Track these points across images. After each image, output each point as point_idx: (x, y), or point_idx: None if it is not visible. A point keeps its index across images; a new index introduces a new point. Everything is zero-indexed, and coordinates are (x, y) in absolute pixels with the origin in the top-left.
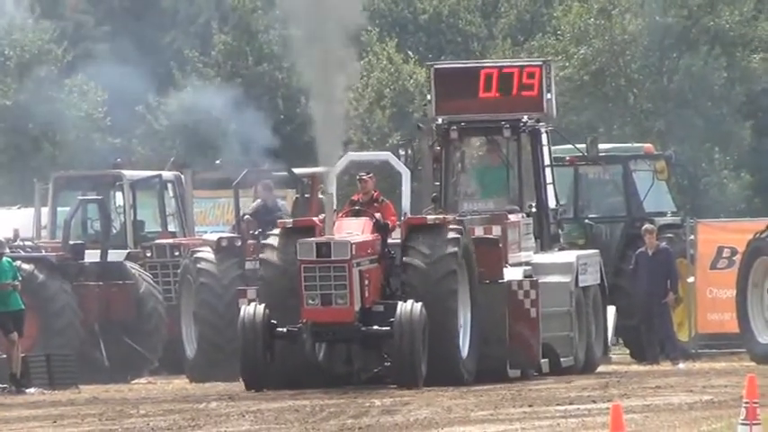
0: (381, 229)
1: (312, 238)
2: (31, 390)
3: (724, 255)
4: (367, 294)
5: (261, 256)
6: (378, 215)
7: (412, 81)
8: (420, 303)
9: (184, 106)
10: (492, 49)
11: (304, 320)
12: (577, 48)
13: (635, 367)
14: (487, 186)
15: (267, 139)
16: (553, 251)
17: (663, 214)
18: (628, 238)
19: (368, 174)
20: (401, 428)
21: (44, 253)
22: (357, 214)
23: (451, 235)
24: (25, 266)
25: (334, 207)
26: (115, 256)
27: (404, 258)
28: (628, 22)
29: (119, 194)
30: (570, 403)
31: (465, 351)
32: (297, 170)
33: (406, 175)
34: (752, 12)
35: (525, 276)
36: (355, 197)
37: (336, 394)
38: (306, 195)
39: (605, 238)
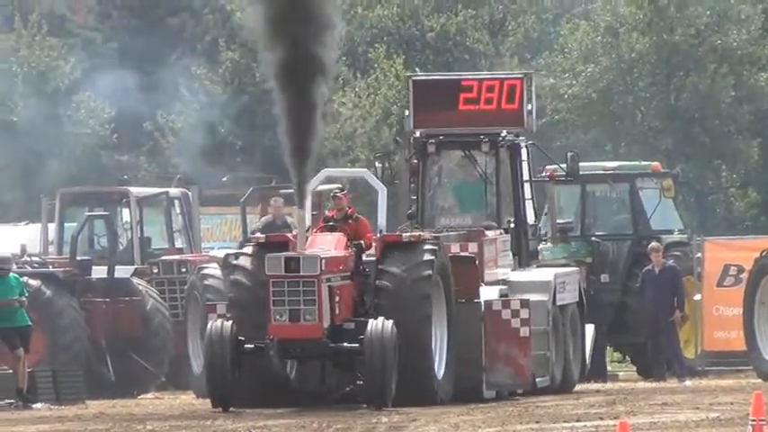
0: (356, 246)
1: (281, 253)
2: (38, 405)
3: (731, 272)
4: (338, 311)
5: (232, 270)
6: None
7: None
8: (391, 321)
9: (191, 123)
10: (499, 66)
11: (271, 337)
12: (585, 66)
13: (642, 384)
14: (465, 201)
15: (274, 155)
16: (531, 268)
17: (670, 232)
18: (635, 256)
19: (342, 191)
20: None
21: (51, 269)
22: (331, 230)
23: (427, 256)
24: (32, 282)
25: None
26: (122, 272)
27: (377, 277)
28: (635, 41)
29: (125, 211)
30: (577, 420)
31: (441, 371)
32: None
33: (382, 192)
34: (759, 30)
35: (501, 296)
36: (329, 214)
37: (339, 411)
38: (313, 213)
39: (612, 255)
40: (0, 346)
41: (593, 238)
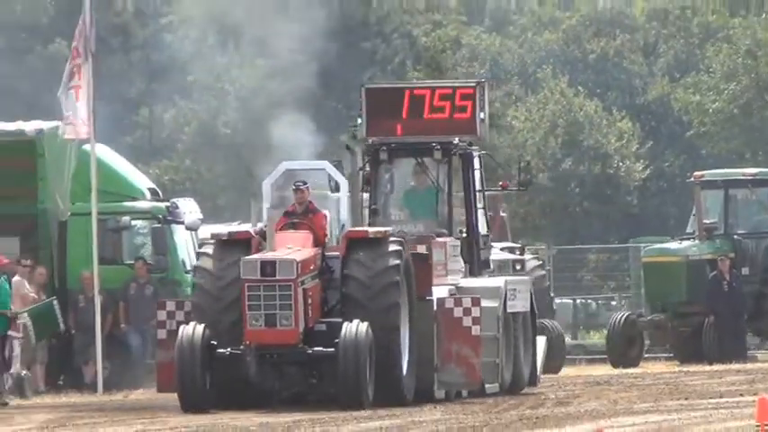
0: (319, 243)
1: (256, 256)
2: None
3: None
4: (310, 314)
5: (196, 264)
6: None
7: (582, 112)
8: (366, 324)
9: None
10: (652, 85)
11: (248, 342)
12: (727, 84)
13: None
14: (416, 209)
15: None
16: (484, 276)
17: None
18: None
19: (304, 184)
20: (574, 418)
21: None
22: (294, 227)
23: (393, 248)
24: None
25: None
26: None
27: (344, 271)
28: None
29: None
30: (720, 396)
31: (404, 370)
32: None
33: (344, 184)
34: None
35: (450, 294)
36: (290, 208)
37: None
38: (489, 213)
39: (752, 251)
40: None
41: (736, 236)
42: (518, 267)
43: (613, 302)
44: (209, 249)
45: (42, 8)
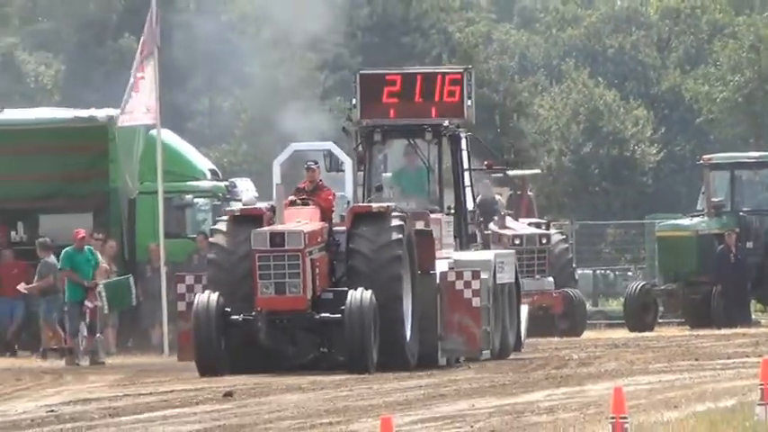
0: (326, 217)
1: (266, 228)
2: None
3: None
4: (318, 282)
5: (211, 241)
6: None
7: (601, 101)
8: (370, 291)
9: None
10: (665, 76)
11: (259, 309)
12: (733, 75)
13: None
14: (408, 187)
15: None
16: (471, 250)
17: None
18: None
19: (315, 163)
20: (595, 377)
21: None
22: (304, 203)
23: (396, 222)
24: None
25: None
26: None
27: (350, 245)
28: None
29: None
30: (728, 358)
31: (408, 336)
32: (510, 172)
33: (348, 163)
34: None
35: (450, 268)
36: (301, 185)
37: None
38: (518, 192)
39: (755, 226)
40: None
41: (741, 213)
42: (544, 241)
43: (630, 273)
44: (222, 226)
45: (112, 5)
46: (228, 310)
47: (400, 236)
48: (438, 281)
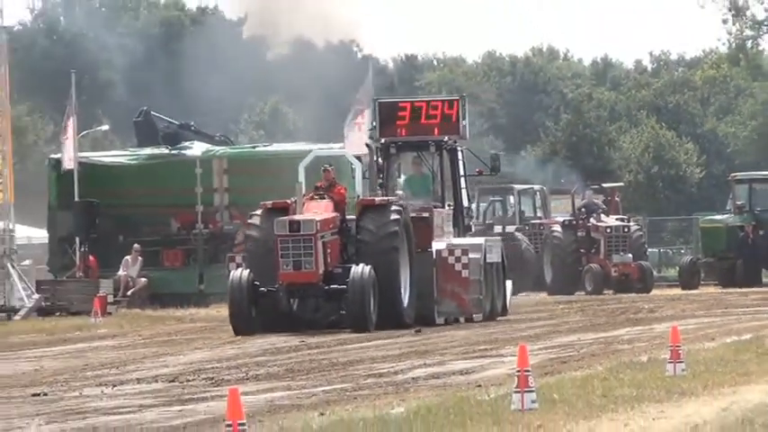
0: (339, 209)
1: (286, 217)
2: None
3: None
4: (329, 260)
5: (246, 231)
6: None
7: (664, 138)
8: (369, 266)
9: None
10: (706, 121)
11: (280, 282)
12: (751, 121)
13: None
14: (416, 190)
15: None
16: (466, 237)
17: None
18: None
19: (330, 165)
20: (659, 320)
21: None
22: (321, 197)
23: (394, 216)
24: None
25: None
26: (509, 228)
27: (358, 236)
28: None
29: (511, 198)
30: (747, 307)
31: (406, 301)
32: (604, 185)
33: (358, 167)
34: None
35: (446, 248)
36: (319, 184)
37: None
38: (608, 198)
39: (767, 220)
40: None
41: (756, 212)
42: (625, 230)
43: (682, 251)
44: (256, 219)
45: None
46: (257, 283)
47: (397, 217)
48: (435, 257)
